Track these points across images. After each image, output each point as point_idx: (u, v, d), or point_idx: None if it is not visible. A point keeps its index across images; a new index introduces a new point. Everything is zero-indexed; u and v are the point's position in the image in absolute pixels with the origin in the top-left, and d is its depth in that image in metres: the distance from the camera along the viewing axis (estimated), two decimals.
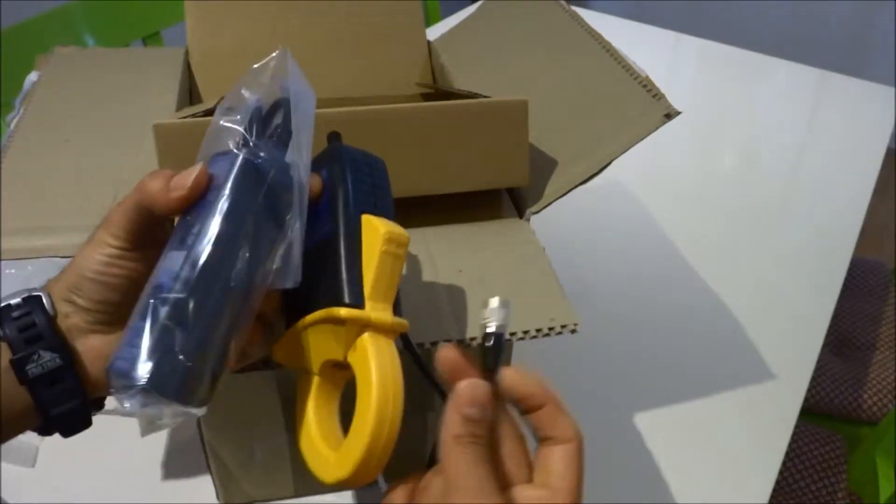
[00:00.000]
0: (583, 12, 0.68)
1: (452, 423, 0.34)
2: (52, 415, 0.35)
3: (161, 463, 0.61)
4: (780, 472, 0.72)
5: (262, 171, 0.36)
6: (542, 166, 0.55)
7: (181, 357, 0.32)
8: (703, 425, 0.68)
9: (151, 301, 0.33)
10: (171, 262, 0.34)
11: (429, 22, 1.43)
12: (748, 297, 0.82)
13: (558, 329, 0.45)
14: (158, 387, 0.32)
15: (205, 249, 0.34)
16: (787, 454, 0.74)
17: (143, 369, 0.32)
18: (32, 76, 0.63)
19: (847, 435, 0.99)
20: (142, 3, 1.14)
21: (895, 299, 1.19)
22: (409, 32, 0.71)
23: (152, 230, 0.37)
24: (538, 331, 0.45)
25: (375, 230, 0.37)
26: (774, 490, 0.62)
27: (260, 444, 0.55)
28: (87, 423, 0.37)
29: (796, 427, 0.68)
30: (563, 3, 0.68)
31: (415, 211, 0.52)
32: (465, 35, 0.75)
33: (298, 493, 0.59)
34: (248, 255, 0.34)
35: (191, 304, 0.33)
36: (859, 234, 0.93)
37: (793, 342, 0.77)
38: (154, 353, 0.32)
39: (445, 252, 0.51)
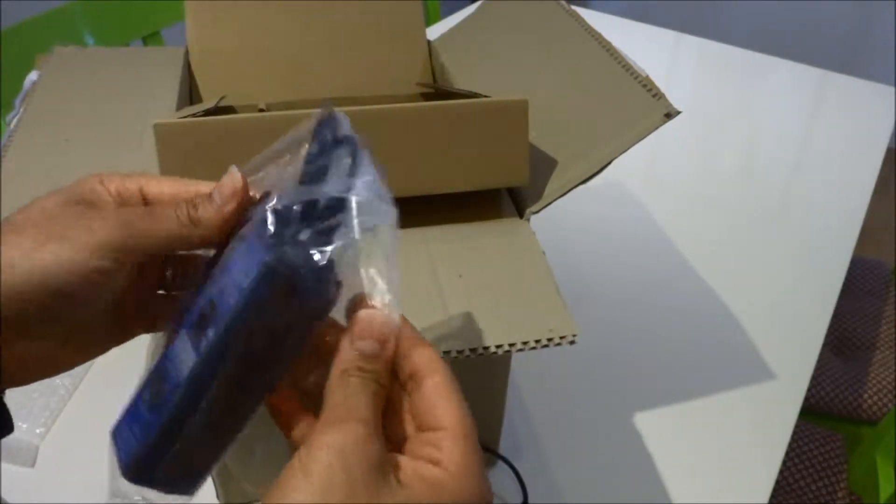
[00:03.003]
0: (583, 12, 0.68)
1: (344, 354, 0.29)
2: None
3: None
4: (780, 472, 0.72)
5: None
6: (542, 166, 0.55)
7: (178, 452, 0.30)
8: (704, 425, 0.68)
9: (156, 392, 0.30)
10: (181, 353, 0.30)
11: (429, 22, 1.43)
12: (748, 297, 0.82)
13: (557, 340, 0.45)
14: (140, 480, 0.30)
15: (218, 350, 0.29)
16: (787, 454, 0.74)
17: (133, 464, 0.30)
18: (32, 76, 0.62)
19: (847, 435, 0.99)
20: (142, 3, 1.14)
21: (895, 299, 1.19)
22: (409, 32, 0.71)
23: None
24: (537, 342, 0.45)
25: None
26: (774, 490, 0.62)
27: (260, 444, 0.55)
28: (6, 430, 0.31)
29: (796, 427, 0.68)
30: (563, 3, 0.68)
31: (415, 211, 0.52)
32: (465, 35, 0.75)
33: None
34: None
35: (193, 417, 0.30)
36: (859, 234, 0.93)
37: (793, 342, 0.77)
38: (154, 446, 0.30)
39: (445, 254, 0.51)
